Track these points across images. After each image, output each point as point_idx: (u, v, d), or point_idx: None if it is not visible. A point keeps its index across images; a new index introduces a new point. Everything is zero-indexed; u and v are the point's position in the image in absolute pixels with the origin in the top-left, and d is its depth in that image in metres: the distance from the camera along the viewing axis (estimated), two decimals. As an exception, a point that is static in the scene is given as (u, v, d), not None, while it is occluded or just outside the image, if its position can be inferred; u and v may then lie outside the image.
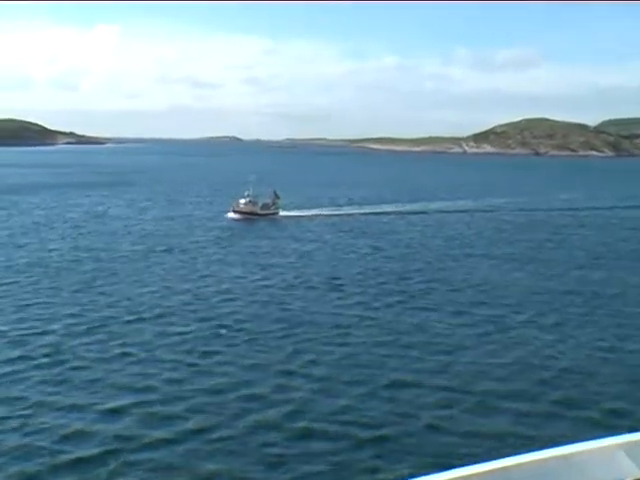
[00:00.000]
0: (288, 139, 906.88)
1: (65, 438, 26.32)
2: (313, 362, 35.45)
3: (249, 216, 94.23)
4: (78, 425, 27.36)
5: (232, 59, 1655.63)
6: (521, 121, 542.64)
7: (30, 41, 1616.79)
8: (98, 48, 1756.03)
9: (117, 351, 36.24)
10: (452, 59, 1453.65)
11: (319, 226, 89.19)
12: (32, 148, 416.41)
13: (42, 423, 27.41)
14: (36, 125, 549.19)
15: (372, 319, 43.83)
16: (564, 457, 5.25)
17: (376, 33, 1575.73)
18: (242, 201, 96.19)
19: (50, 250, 65.28)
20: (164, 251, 66.67)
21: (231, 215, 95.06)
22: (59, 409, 28.93)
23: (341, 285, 53.60)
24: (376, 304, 47.84)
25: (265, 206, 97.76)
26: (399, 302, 48.52)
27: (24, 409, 28.62)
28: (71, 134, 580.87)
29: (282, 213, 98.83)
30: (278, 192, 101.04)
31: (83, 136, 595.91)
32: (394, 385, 32.55)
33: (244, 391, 31.26)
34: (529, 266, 63.50)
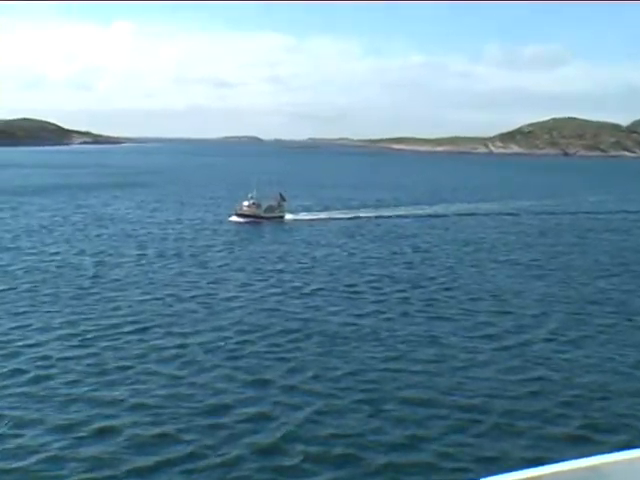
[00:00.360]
0: (310, 139, 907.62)
1: (45, 461, 25.07)
2: (317, 378, 33.92)
3: (252, 219, 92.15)
4: (60, 446, 26.08)
5: (253, 57, 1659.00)
6: (549, 120, 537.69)
7: (46, 39, 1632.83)
8: (115, 47, 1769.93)
9: (109, 365, 34.86)
10: (479, 56, 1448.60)
11: (329, 230, 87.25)
12: (47, 148, 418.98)
13: (21, 443, 26.16)
14: (52, 124, 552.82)
15: (384, 331, 42.15)
16: (596, 467, 5.24)
17: (401, 30, 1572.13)
18: (245, 203, 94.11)
19: (51, 254, 64.35)
20: (165, 257, 65.30)
21: (234, 218, 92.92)
22: (42, 428, 27.64)
23: (351, 294, 51.87)
24: (389, 314, 46.20)
25: (270, 209, 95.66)
26: (414, 312, 46.84)
27: (2, 427, 27.37)
28: (87, 134, 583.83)
29: (288, 216, 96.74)
30: (284, 194, 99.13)
31: (99, 136, 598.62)
32: (404, 404, 30.93)
33: (241, 410, 29.83)
34: (552, 273, 61.62)
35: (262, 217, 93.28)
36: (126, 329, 41.07)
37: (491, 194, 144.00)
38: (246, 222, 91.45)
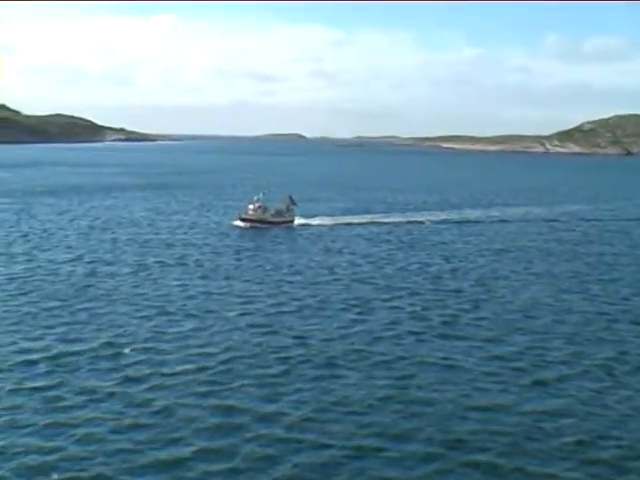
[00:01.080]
0: (356, 137, 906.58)
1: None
2: (308, 420, 30.35)
3: (258, 224, 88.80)
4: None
5: (298, 51, 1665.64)
6: (611, 118, 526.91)
7: (85, 33, 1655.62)
8: (154, 41, 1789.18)
9: (76, 398, 31.93)
10: (537, 50, 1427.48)
11: (346, 236, 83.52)
12: (77, 145, 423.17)
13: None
14: (85, 121, 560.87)
15: (400, 359, 38.48)
16: None
17: (454, 22, 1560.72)
18: (251, 207, 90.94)
19: (43, 261, 62.22)
20: (157, 266, 62.35)
21: (238, 223, 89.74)
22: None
23: (363, 311, 48.39)
24: (408, 339, 42.37)
25: (279, 213, 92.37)
26: (434, 335, 43.06)
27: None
28: (121, 130, 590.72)
29: (299, 221, 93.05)
30: (294, 197, 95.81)
31: (134, 132, 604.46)
32: (405, 459, 27.20)
33: (210, 462, 26.62)
34: (597, 288, 57.57)
35: (269, 222, 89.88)
36: (102, 354, 37.88)
37: (540, 197, 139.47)
38: (250, 227, 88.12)
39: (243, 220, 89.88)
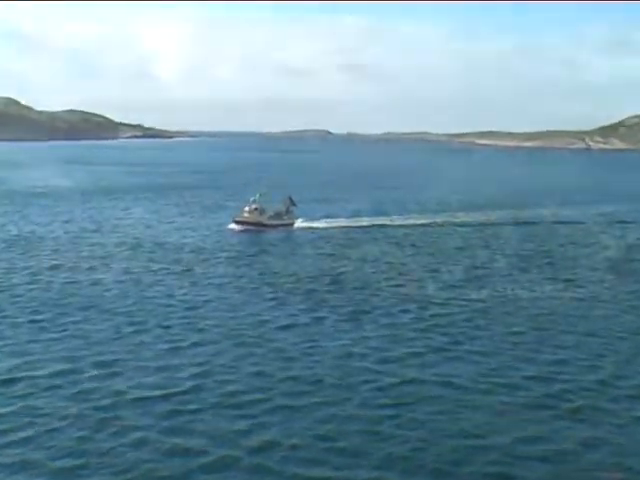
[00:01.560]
0: (385, 133, 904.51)
1: None
2: (308, 446, 28.84)
3: (254, 227, 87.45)
4: None
5: (328, 43, 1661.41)
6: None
7: (104, 27, 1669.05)
8: (176, 34, 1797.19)
9: (38, 425, 30.50)
10: (582, 40, 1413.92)
11: (351, 241, 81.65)
12: (87, 142, 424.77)
13: None
14: (99, 117, 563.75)
15: (412, 381, 36.60)
16: None
17: (492, 11, 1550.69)
18: (246, 209, 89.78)
19: (21, 268, 61.26)
20: (146, 273, 61.05)
21: (232, 226, 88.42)
22: None
23: (368, 327, 46.35)
24: (421, 358, 40.48)
25: (277, 215, 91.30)
26: (451, 355, 41.07)
27: None
28: (137, 127, 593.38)
29: (299, 224, 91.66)
30: (293, 197, 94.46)
31: (151, 129, 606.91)
32: None
33: None
34: (626, 298, 55.74)
35: (265, 225, 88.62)
36: (71, 380, 36.09)
37: (574, 197, 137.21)
38: (245, 230, 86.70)
39: (238, 223, 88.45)
